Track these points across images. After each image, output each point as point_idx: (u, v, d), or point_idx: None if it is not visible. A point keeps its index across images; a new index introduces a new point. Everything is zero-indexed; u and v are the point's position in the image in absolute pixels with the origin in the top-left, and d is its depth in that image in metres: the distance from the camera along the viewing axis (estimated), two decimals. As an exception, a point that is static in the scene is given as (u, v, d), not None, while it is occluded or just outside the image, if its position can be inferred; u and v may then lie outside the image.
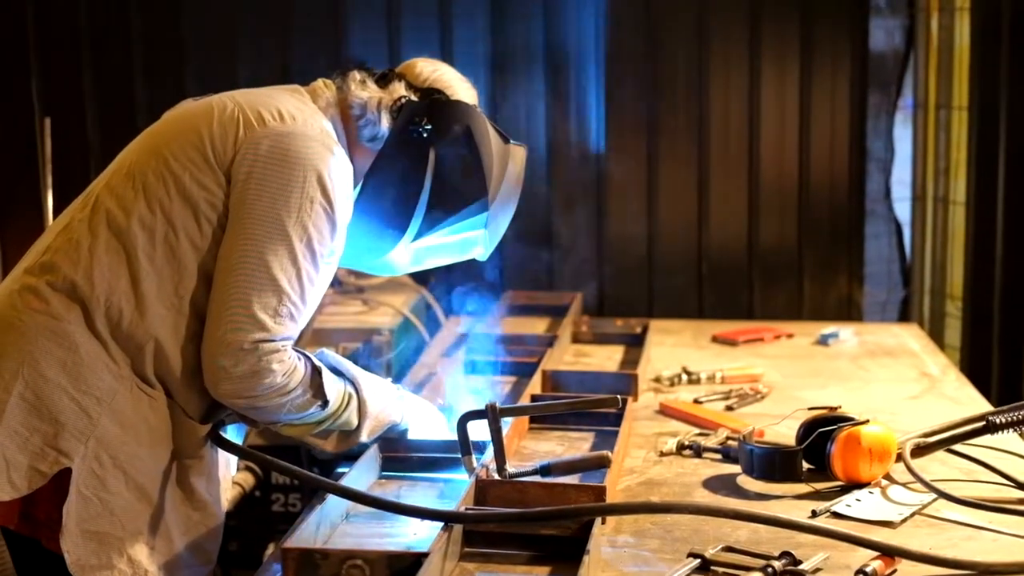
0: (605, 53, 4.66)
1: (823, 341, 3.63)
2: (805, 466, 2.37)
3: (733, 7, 4.63)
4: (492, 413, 2.31)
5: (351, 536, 2.17)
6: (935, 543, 2.07)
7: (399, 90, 2.35)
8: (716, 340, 3.66)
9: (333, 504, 2.17)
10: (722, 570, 1.96)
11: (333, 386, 2.22)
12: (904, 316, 4.82)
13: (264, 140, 2.15)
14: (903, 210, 4.83)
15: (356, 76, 2.35)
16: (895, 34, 4.73)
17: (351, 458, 2.37)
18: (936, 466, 2.46)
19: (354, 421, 2.30)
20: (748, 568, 1.94)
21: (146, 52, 4.65)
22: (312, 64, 4.50)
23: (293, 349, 2.15)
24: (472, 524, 2.06)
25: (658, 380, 3.17)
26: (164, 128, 2.25)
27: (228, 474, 2.33)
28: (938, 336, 4.69)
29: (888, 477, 2.37)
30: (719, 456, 2.54)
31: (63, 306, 2.09)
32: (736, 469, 2.44)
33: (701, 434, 2.66)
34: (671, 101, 4.69)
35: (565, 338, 3.49)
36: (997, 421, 2.49)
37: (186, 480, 2.18)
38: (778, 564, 1.93)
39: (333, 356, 2.32)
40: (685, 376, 3.17)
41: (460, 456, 2.32)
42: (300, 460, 3.43)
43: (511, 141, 2.46)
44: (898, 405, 2.97)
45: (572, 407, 2.57)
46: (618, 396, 2.46)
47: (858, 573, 1.91)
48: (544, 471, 2.29)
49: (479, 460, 2.32)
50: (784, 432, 2.51)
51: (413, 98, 2.35)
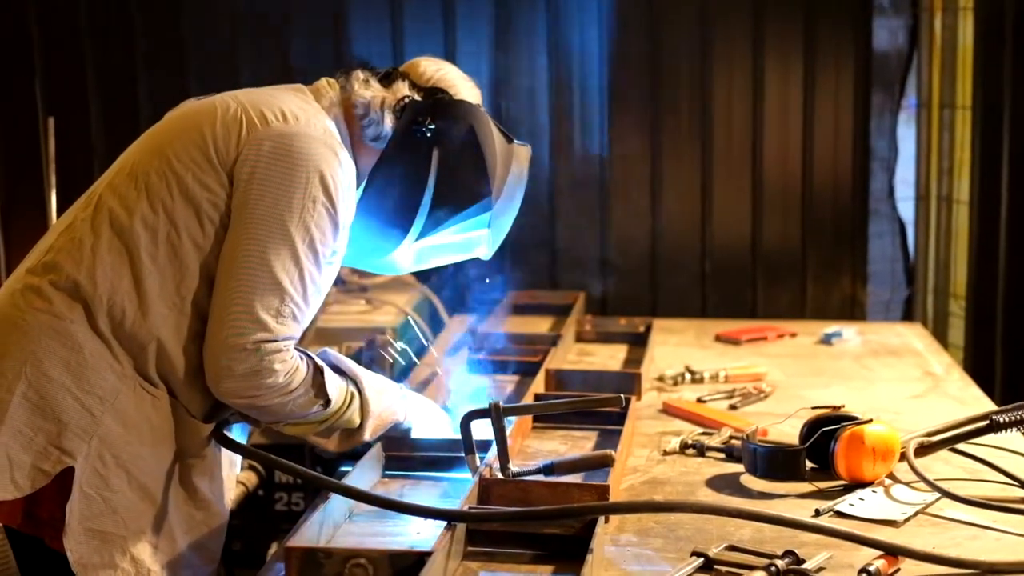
0: (609, 52, 4.65)
1: (826, 340, 3.63)
2: (808, 465, 2.37)
3: (736, 7, 4.63)
4: (495, 412, 2.31)
5: (354, 535, 2.17)
6: (938, 542, 2.06)
7: (403, 89, 2.35)
8: (719, 339, 3.66)
9: (336, 503, 2.17)
10: (725, 569, 1.96)
11: (335, 385, 2.22)
12: (908, 315, 4.82)
13: (267, 140, 2.14)
14: (907, 209, 4.83)
15: (360, 75, 2.34)
16: (899, 34, 4.73)
17: (354, 457, 2.37)
18: (940, 465, 2.46)
19: (356, 420, 2.30)
20: (752, 567, 1.93)
21: (149, 51, 4.65)
22: (315, 63, 4.50)
23: (295, 349, 2.15)
24: (475, 523, 2.06)
25: (661, 379, 3.17)
26: (167, 128, 2.25)
27: (232, 473, 2.33)
28: (942, 335, 4.68)
29: (891, 476, 2.36)
30: (722, 455, 2.54)
31: (66, 305, 2.09)
32: (739, 468, 2.44)
33: (704, 433, 2.66)
34: (674, 100, 4.69)
35: (568, 337, 3.49)
36: (1001, 420, 2.49)
37: (189, 479, 2.18)
38: (781, 563, 1.93)
39: (335, 355, 2.32)
40: (688, 375, 3.17)
41: (463, 455, 2.32)
42: (303, 459, 3.43)
43: (515, 141, 2.46)
44: (902, 404, 2.96)
45: (575, 406, 2.57)
46: (621, 395, 2.46)
47: (861, 572, 1.91)
48: (547, 470, 2.29)
49: (482, 459, 2.31)
50: (787, 431, 2.51)
51: (417, 97, 2.35)
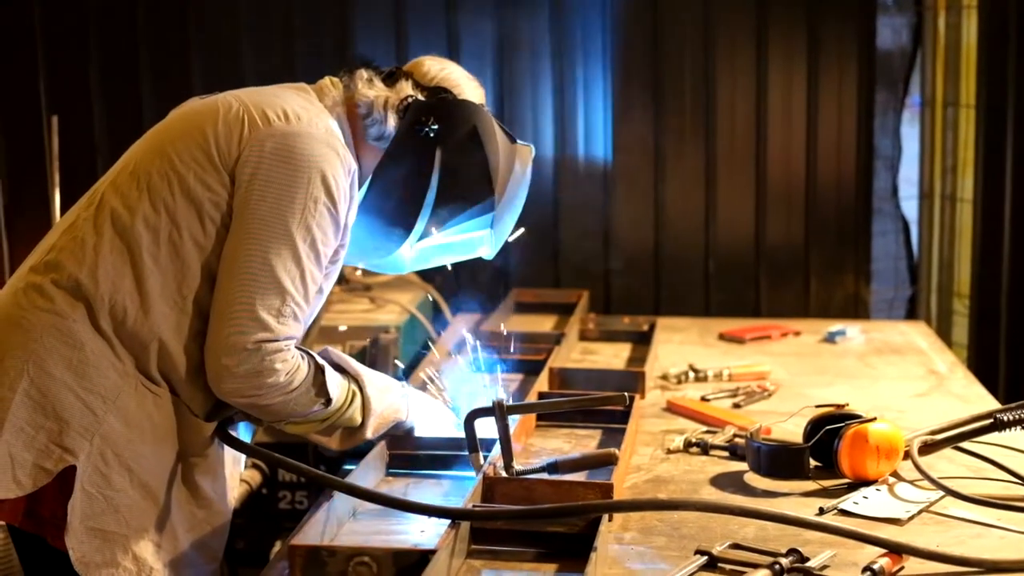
0: (612, 51, 4.65)
1: (830, 339, 3.63)
2: (812, 463, 2.37)
3: (740, 6, 4.62)
4: (499, 410, 2.31)
5: (358, 533, 2.17)
6: (942, 540, 2.06)
7: (406, 89, 2.35)
8: (723, 338, 3.66)
9: (340, 502, 2.18)
10: (729, 567, 1.96)
11: (336, 384, 2.22)
12: (911, 314, 4.81)
13: (269, 139, 2.14)
14: (910, 208, 4.83)
15: (363, 74, 2.34)
16: (902, 32, 4.72)
17: (358, 456, 2.37)
18: (943, 463, 2.46)
19: (358, 419, 2.29)
20: (755, 565, 1.93)
21: (152, 50, 4.64)
22: (319, 62, 4.50)
23: (296, 348, 2.15)
24: (479, 521, 2.06)
25: (665, 378, 3.17)
26: (169, 127, 2.25)
27: (236, 471, 2.33)
28: (945, 334, 4.68)
29: (895, 474, 2.36)
30: (726, 453, 2.55)
31: (68, 304, 2.09)
32: (743, 466, 2.44)
33: (708, 431, 2.66)
34: (678, 99, 4.68)
35: (572, 335, 3.49)
36: (1004, 419, 2.49)
37: (191, 478, 2.18)
38: (785, 561, 1.93)
39: (337, 354, 2.32)
40: (692, 374, 3.17)
41: (467, 453, 2.32)
42: (307, 458, 3.43)
43: (517, 141, 2.46)
44: (905, 403, 2.96)
45: (579, 405, 2.57)
46: (625, 394, 2.46)
47: (865, 570, 1.91)
48: (551, 468, 2.29)
49: (486, 458, 2.31)
50: (791, 429, 2.51)
51: (420, 97, 2.35)
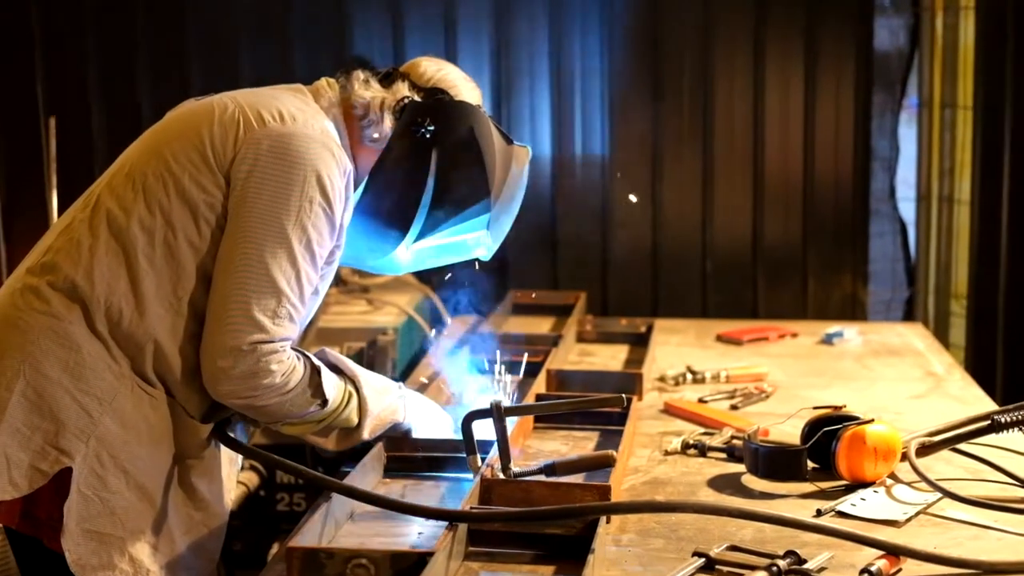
0: (610, 52, 4.66)
1: (828, 340, 3.63)
2: (810, 465, 2.37)
3: (738, 6, 4.63)
4: (497, 412, 2.31)
5: (356, 535, 2.17)
6: (940, 542, 2.06)
7: (402, 90, 2.34)
8: (721, 339, 3.66)
9: (338, 503, 2.17)
10: (727, 569, 1.96)
11: (332, 385, 2.22)
12: (909, 315, 4.82)
13: (264, 140, 2.14)
14: (907, 209, 4.83)
15: (360, 75, 2.34)
16: (900, 33, 4.73)
17: (356, 457, 2.37)
18: (941, 465, 2.46)
19: (354, 420, 2.29)
20: (753, 567, 1.93)
21: (150, 51, 4.65)
22: (317, 63, 4.50)
23: (292, 349, 2.15)
24: (477, 523, 2.06)
25: (663, 379, 3.17)
26: (165, 128, 2.25)
27: (233, 473, 2.32)
28: (943, 335, 4.68)
29: (893, 476, 2.36)
30: (724, 455, 2.54)
31: (63, 306, 2.09)
32: (741, 468, 2.44)
33: (706, 433, 2.66)
34: (676, 100, 4.69)
35: (570, 337, 3.48)
36: (1002, 420, 2.49)
37: (188, 480, 2.18)
38: (783, 563, 1.93)
39: (334, 355, 2.31)
40: (690, 375, 3.17)
41: (465, 455, 2.32)
42: (305, 459, 3.43)
43: (514, 142, 2.45)
44: (903, 404, 2.96)
45: (577, 406, 2.57)
46: (623, 395, 2.46)
47: (863, 572, 1.91)
48: (549, 470, 2.29)
49: (484, 459, 2.31)
50: (789, 431, 2.51)
51: (416, 98, 2.34)
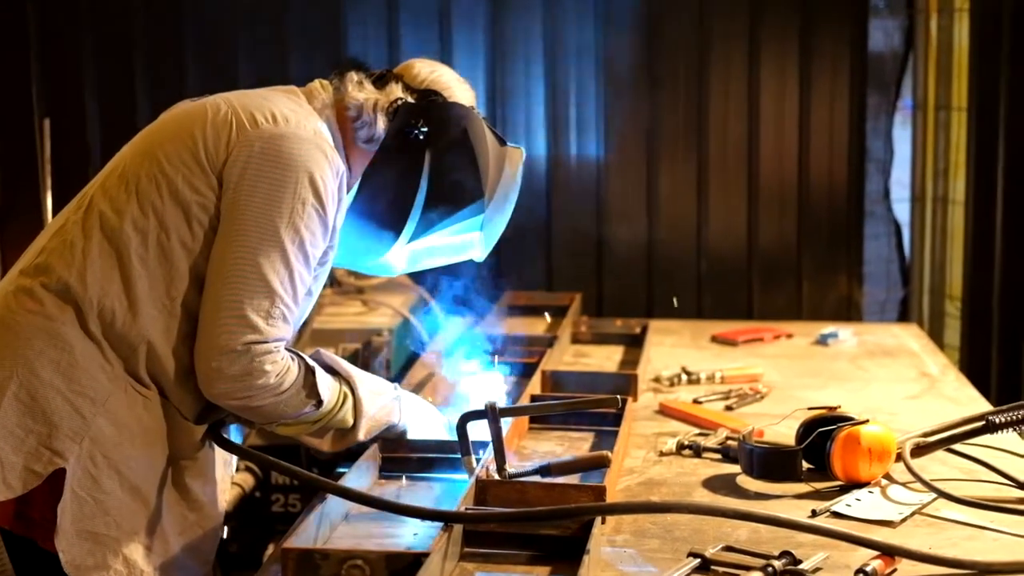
0: (605, 53, 4.66)
1: (822, 341, 3.63)
2: (805, 466, 2.37)
3: (733, 8, 4.63)
4: (492, 413, 2.31)
5: (351, 536, 2.16)
6: (935, 542, 2.06)
7: (396, 91, 2.34)
8: (715, 340, 3.66)
9: (333, 504, 2.17)
10: (722, 570, 1.96)
11: (327, 386, 2.22)
12: (903, 316, 4.82)
13: (256, 142, 2.14)
14: (902, 210, 4.84)
15: (353, 77, 2.34)
16: (894, 35, 4.74)
17: (351, 458, 2.37)
18: (936, 466, 2.46)
19: (349, 420, 2.29)
20: (748, 568, 1.93)
21: (146, 53, 4.64)
22: (312, 65, 4.50)
23: (286, 349, 2.15)
24: (472, 524, 2.06)
25: (658, 380, 3.17)
26: (159, 130, 2.24)
27: (227, 474, 2.32)
28: (937, 336, 4.69)
29: (888, 477, 2.36)
30: (719, 456, 2.54)
31: (56, 307, 2.09)
32: (736, 469, 2.44)
33: (701, 434, 2.66)
34: (671, 102, 4.69)
35: (565, 338, 3.49)
36: (996, 420, 2.49)
37: (182, 481, 2.18)
38: (778, 564, 1.93)
39: (329, 356, 2.31)
40: (685, 376, 3.17)
41: (460, 456, 2.32)
42: (300, 460, 3.43)
43: (507, 143, 2.46)
44: (897, 405, 2.96)
45: (572, 407, 2.57)
46: (618, 396, 2.46)
47: (858, 572, 1.91)
48: (544, 471, 2.29)
49: (479, 460, 2.31)
50: (784, 432, 2.51)
51: (410, 100, 2.34)
